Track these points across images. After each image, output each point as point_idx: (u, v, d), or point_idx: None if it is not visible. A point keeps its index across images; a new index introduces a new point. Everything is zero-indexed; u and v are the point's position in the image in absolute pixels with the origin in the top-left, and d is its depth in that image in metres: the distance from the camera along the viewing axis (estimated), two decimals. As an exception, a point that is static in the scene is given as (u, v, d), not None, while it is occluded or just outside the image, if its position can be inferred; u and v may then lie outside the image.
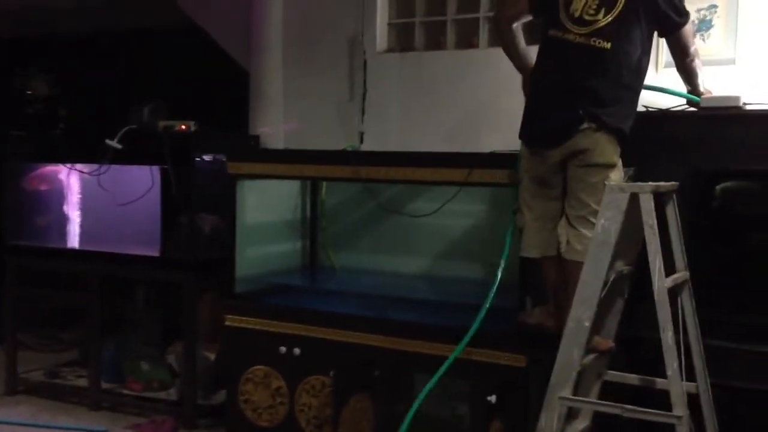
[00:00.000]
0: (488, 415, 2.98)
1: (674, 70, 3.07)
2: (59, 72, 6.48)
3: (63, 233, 4.68)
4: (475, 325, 2.97)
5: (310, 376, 3.41)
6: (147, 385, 4.35)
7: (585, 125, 2.63)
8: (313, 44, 4.54)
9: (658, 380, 2.47)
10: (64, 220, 4.65)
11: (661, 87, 3.11)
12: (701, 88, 2.92)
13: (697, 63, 2.91)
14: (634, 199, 2.44)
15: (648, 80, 3.41)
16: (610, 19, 2.63)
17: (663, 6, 2.68)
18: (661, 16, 2.71)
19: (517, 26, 2.91)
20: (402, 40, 4.41)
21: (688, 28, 2.82)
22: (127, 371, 4.42)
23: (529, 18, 2.89)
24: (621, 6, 2.63)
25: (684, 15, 2.77)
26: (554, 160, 2.72)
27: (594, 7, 2.64)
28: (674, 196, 2.61)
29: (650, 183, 2.49)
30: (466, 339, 2.98)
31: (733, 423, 2.69)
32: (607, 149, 2.67)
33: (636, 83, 2.74)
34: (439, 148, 3.81)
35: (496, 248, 3.46)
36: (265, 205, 4.07)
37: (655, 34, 2.81)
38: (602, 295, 2.47)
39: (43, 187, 4.76)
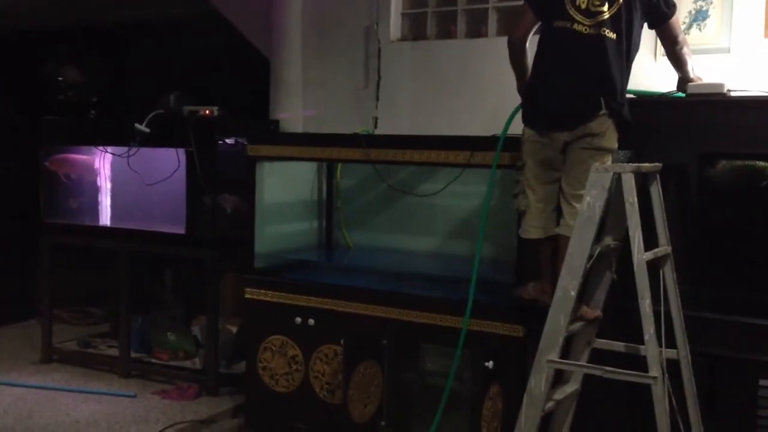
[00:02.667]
0: (487, 379, 3.20)
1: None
2: (89, 60, 6.73)
3: (94, 212, 4.95)
4: (470, 299, 3.19)
5: (324, 345, 3.64)
6: (173, 354, 4.62)
7: (602, 111, 2.80)
8: (330, 33, 4.74)
9: (641, 347, 2.66)
10: (95, 200, 4.92)
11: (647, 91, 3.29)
12: (691, 75, 3.07)
13: (686, 50, 3.06)
14: (619, 178, 2.63)
15: (647, 69, 3.63)
16: (614, 10, 2.80)
17: None
18: (653, 7, 2.89)
19: (528, 44, 3.06)
20: (414, 29, 4.59)
21: (676, 18, 2.99)
22: (155, 342, 4.69)
23: (537, 25, 3.01)
24: None
25: (672, 6, 2.94)
26: (562, 141, 2.87)
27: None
28: (657, 175, 2.79)
29: (632, 164, 2.68)
30: (468, 312, 3.20)
31: (710, 388, 2.87)
32: (613, 135, 2.86)
33: (630, 68, 2.92)
34: (448, 132, 4.01)
35: (500, 227, 3.69)
36: (284, 186, 4.29)
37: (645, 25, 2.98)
38: (588, 267, 2.67)
39: (75, 169, 5.02)
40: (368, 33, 4.61)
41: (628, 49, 2.86)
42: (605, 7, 2.81)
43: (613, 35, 2.81)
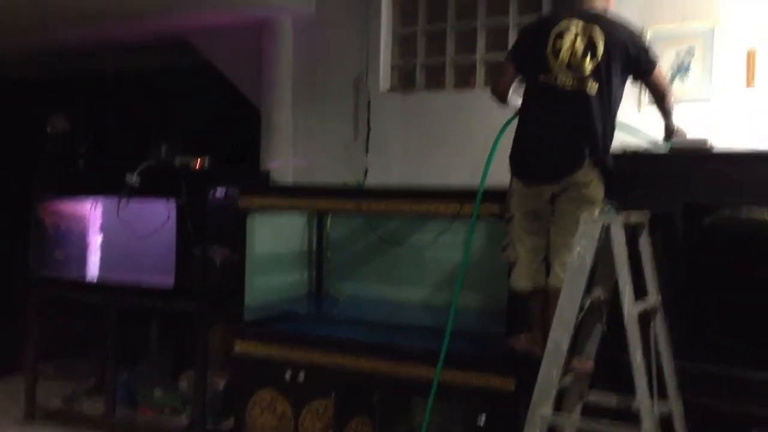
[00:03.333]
0: (479, 435, 3.16)
1: (654, 108, 3.27)
2: (78, 110, 6.74)
3: (83, 264, 4.91)
4: (444, 346, 3.18)
5: (314, 400, 3.59)
6: (159, 411, 4.52)
7: (587, 162, 2.84)
8: (320, 84, 4.80)
9: (634, 400, 2.62)
10: (84, 251, 4.89)
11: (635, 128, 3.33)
12: (674, 127, 3.12)
13: (672, 101, 3.11)
14: (608, 229, 2.64)
15: (630, 119, 3.67)
16: (595, 64, 2.86)
17: (633, 52, 2.91)
18: (633, 61, 2.93)
19: (512, 93, 3.14)
20: (404, 80, 4.66)
21: (659, 71, 3.03)
22: (141, 397, 4.60)
23: (519, 78, 3.09)
24: (601, 53, 2.86)
25: (652, 62, 2.99)
26: (549, 193, 2.91)
27: (580, 54, 2.87)
28: (646, 226, 2.80)
29: (621, 215, 2.69)
30: (440, 364, 3.18)
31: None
32: (599, 185, 2.90)
33: (615, 120, 2.97)
34: (438, 182, 4.03)
35: (491, 278, 3.69)
36: (274, 236, 4.28)
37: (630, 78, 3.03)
38: (579, 318, 2.65)
39: (65, 220, 4.99)
40: (358, 84, 4.67)
41: (610, 102, 2.91)
42: (586, 61, 2.87)
43: (595, 88, 2.87)
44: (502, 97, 3.17)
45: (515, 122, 3.11)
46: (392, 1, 4.65)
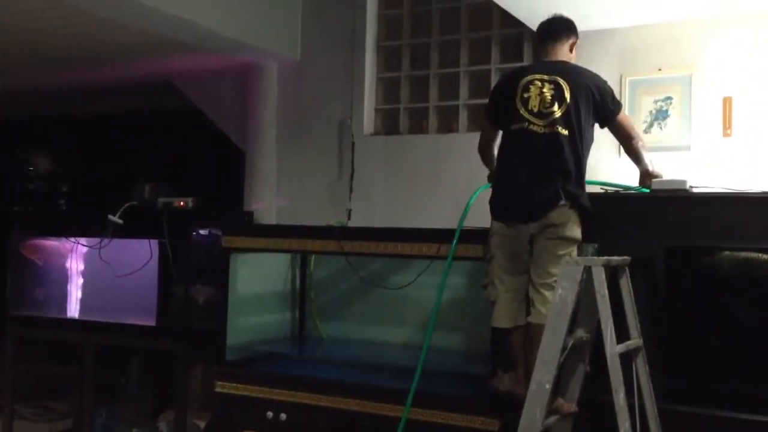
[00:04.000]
0: (462, 476, 3.15)
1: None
2: (61, 149, 6.75)
3: (63, 304, 4.86)
4: (414, 384, 3.24)
5: (296, 440, 3.57)
6: (138, 452, 4.47)
7: (562, 202, 2.92)
8: (305, 127, 4.87)
9: (617, 441, 2.65)
10: (64, 291, 4.85)
11: (616, 183, 3.44)
12: (650, 168, 3.20)
13: (641, 145, 3.20)
14: (589, 271, 2.69)
15: (609, 164, 3.77)
16: (564, 109, 2.98)
17: (597, 97, 3.04)
18: (598, 105, 3.06)
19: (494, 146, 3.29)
20: (387, 124, 4.74)
21: (624, 115, 3.16)
22: (120, 438, 4.55)
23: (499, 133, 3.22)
24: (568, 99, 2.98)
25: (617, 104, 3.12)
26: (529, 233, 2.99)
27: (548, 101, 2.99)
28: (627, 269, 2.85)
29: (602, 257, 2.74)
30: (409, 402, 3.24)
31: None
32: (575, 225, 2.97)
33: (585, 162, 3.06)
34: (421, 224, 4.07)
35: (471, 318, 3.71)
36: (257, 277, 4.29)
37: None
38: (562, 359, 2.68)
39: (45, 260, 4.96)
40: (342, 127, 4.74)
41: (582, 144, 3.02)
42: (555, 107, 2.98)
43: (565, 131, 2.98)
44: (485, 155, 3.34)
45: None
46: (376, 46, 4.76)
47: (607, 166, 3.78)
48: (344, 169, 4.70)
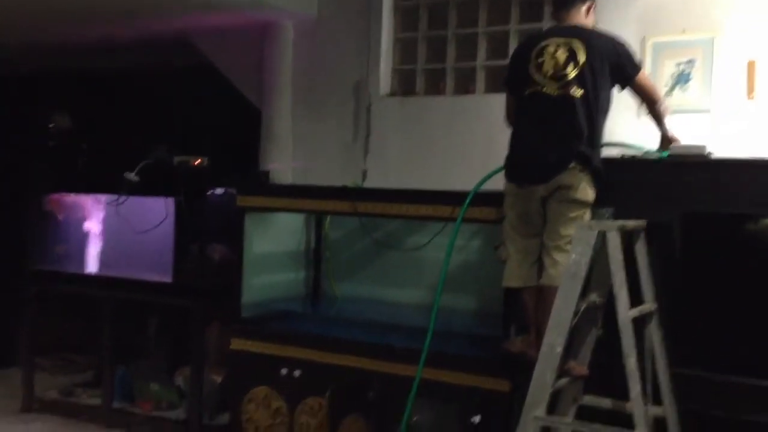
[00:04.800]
0: (473, 435, 3.19)
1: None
2: (81, 107, 6.77)
3: (81, 260, 4.92)
4: (426, 344, 3.26)
5: (309, 397, 3.61)
6: (156, 404, 4.55)
7: (573, 164, 2.92)
8: (321, 87, 4.84)
9: (628, 404, 2.66)
10: (82, 247, 4.90)
11: (634, 145, 3.39)
12: (669, 133, 3.17)
13: (664, 108, 3.17)
14: (603, 236, 2.68)
15: (628, 127, 3.72)
16: (578, 72, 2.96)
17: (615, 59, 3.01)
18: (617, 67, 3.02)
19: None
20: (404, 85, 4.69)
21: (645, 78, 3.12)
22: (138, 391, 4.63)
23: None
24: (583, 61, 2.96)
25: (637, 67, 3.08)
26: (540, 195, 2.98)
27: (561, 64, 2.98)
28: (642, 233, 2.84)
29: (617, 222, 2.73)
30: (422, 362, 3.26)
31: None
32: (587, 188, 2.96)
33: (603, 125, 3.04)
34: (436, 186, 4.05)
35: (485, 280, 3.72)
36: (272, 236, 4.31)
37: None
38: (574, 323, 2.69)
39: (64, 216, 5.02)
40: (358, 88, 4.70)
41: (597, 106, 2.99)
42: (569, 69, 2.97)
43: (579, 93, 2.96)
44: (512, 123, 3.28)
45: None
46: (393, 6, 4.69)
47: (626, 128, 3.73)
48: (360, 131, 4.68)
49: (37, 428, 4.49)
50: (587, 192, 2.95)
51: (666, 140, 3.17)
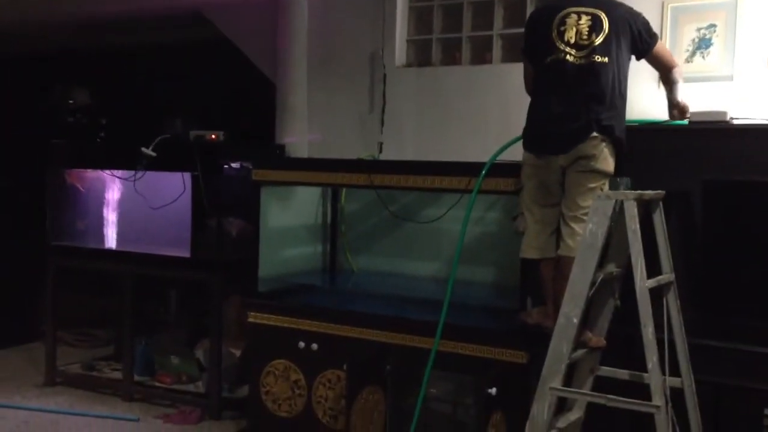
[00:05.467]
0: (490, 406, 3.19)
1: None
2: (99, 83, 6.80)
3: (100, 235, 4.98)
4: (443, 315, 3.25)
5: (327, 370, 3.63)
6: (176, 378, 4.61)
7: (594, 133, 2.87)
8: (335, 59, 4.79)
9: (645, 375, 2.64)
10: (101, 222, 4.95)
11: (653, 120, 3.34)
12: (678, 100, 3.11)
13: (680, 74, 3.12)
14: (621, 205, 2.64)
15: (649, 95, 3.66)
16: (602, 39, 2.92)
17: (634, 29, 2.98)
18: (635, 37, 2.99)
19: None
20: (420, 55, 4.64)
21: (662, 47, 3.10)
22: (158, 365, 4.69)
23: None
24: (607, 28, 2.92)
25: (654, 36, 3.05)
26: (559, 165, 2.95)
27: (586, 32, 2.93)
28: (660, 203, 2.79)
29: (635, 191, 2.69)
30: (438, 333, 3.25)
31: (714, 417, 2.85)
32: (608, 158, 2.92)
33: (625, 94, 3.00)
34: (453, 158, 4.02)
35: (503, 252, 3.70)
36: (289, 210, 4.31)
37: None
38: (590, 294, 2.66)
39: (83, 192, 5.06)
40: (373, 59, 4.65)
41: (619, 75, 2.95)
42: (593, 37, 2.93)
43: (604, 60, 2.91)
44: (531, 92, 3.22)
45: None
46: (409, -26, 4.63)
47: (645, 97, 3.66)
48: (375, 102, 4.63)
49: (60, 401, 4.57)
50: (608, 162, 2.91)
51: (673, 106, 3.12)
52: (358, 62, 4.70)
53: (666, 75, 3.13)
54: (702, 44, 3.70)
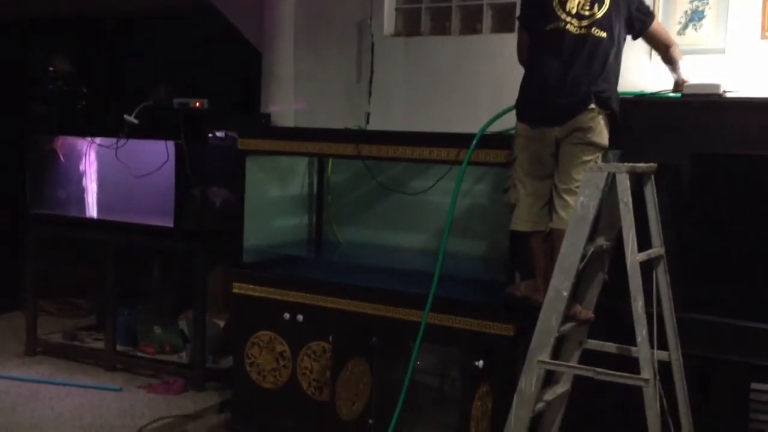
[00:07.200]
0: (477, 379, 3.18)
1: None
2: (80, 50, 6.66)
3: (82, 204, 4.89)
4: (432, 288, 3.23)
5: (312, 341, 3.61)
6: (159, 348, 4.58)
7: (591, 105, 2.84)
8: (323, 28, 4.70)
9: (633, 348, 2.64)
10: (83, 191, 4.86)
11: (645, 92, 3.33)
12: (683, 78, 3.10)
13: (678, 52, 3.11)
14: (613, 178, 2.61)
15: (641, 69, 3.62)
16: (604, 12, 2.88)
17: (632, 6, 2.96)
18: (632, 15, 2.97)
19: None
20: (408, 24, 4.56)
21: (658, 24, 3.07)
22: (141, 335, 4.65)
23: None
24: (608, 2, 2.89)
25: (650, 14, 3.04)
26: (554, 136, 2.91)
27: (588, 3, 2.89)
28: (652, 176, 2.77)
29: (627, 164, 2.66)
30: (428, 306, 3.24)
31: (702, 391, 2.86)
32: (603, 131, 2.89)
33: (619, 71, 2.97)
34: (441, 129, 3.97)
35: (492, 225, 3.67)
36: (274, 180, 4.26)
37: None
38: (581, 267, 2.64)
39: (63, 160, 4.96)
40: (361, 28, 4.57)
41: (616, 49, 2.93)
42: (595, 9, 2.89)
43: (603, 34, 2.88)
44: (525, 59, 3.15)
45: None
46: (399, -59, 4.53)
47: (637, 70, 3.63)
48: (363, 72, 4.56)
49: (41, 370, 4.53)
50: (604, 135, 2.89)
51: (681, 84, 3.10)
52: (345, 31, 4.61)
53: (665, 54, 3.10)
54: (694, 16, 3.66)
